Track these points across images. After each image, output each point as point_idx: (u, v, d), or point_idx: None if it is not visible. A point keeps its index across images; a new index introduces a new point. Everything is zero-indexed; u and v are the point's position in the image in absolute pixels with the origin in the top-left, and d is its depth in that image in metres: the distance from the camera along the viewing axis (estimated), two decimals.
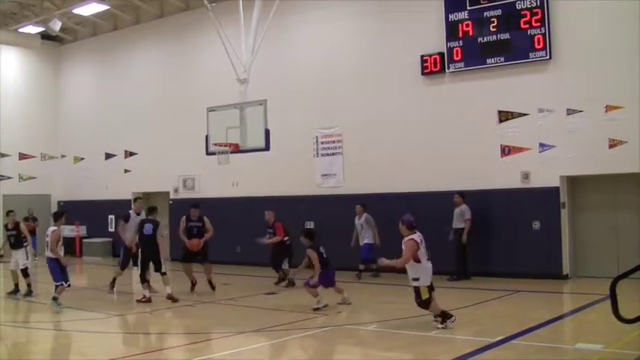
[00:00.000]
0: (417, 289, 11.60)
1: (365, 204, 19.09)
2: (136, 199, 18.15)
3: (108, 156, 28.49)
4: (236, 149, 16.91)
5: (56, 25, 26.38)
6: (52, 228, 14.94)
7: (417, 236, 11.71)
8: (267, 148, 16.81)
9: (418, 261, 11.58)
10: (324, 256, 14.12)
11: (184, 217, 17.23)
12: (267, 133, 16.49)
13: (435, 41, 19.29)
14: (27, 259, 17.24)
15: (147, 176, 26.59)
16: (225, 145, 16.93)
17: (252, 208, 18.52)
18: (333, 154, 21.30)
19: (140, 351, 11.14)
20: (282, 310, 13.96)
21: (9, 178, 29.41)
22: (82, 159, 29.83)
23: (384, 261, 12.08)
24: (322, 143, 21.54)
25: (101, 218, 27.82)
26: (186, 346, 11.15)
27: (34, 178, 30.07)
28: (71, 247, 28.39)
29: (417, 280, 11.58)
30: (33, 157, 30.22)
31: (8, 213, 18.39)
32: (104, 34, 29.18)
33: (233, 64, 17.29)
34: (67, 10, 26.61)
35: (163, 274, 15.73)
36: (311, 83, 21.92)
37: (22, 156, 29.85)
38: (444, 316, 11.52)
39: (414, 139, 19.63)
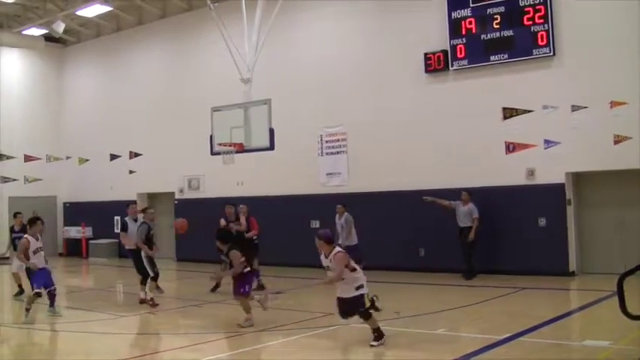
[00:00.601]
0: (360, 298, 10.57)
1: (346, 204, 18.94)
2: (128, 205, 17.30)
3: (113, 157, 28.49)
4: (240, 149, 16.88)
5: (59, 27, 26.39)
6: (24, 236, 14.36)
7: (340, 249, 10.93)
8: (271, 147, 16.78)
9: (354, 270, 10.69)
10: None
11: (222, 218, 17.00)
12: (271, 132, 16.46)
13: (438, 39, 19.27)
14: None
15: (152, 177, 26.61)
16: (230, 145, 16.91)
17: (257, 208, 18.48)
18: (338, 152, 21.31)
19: (148, 351, 11.18)
20: (289, 310, 13.96)
21: (14, 180, 29.41)
22: (87, 160, 29.84)
23: (322, 281, 11.14)
24: (327, 142, 21.54)
25: (107, 219, 27.81)
26: (192, 347, 11.14)
27: (40, 179, 30.08)
28: (77, 248, 28.50)
29: (361, 287, 10.57)
30: (38, 158, 30.24)
31: (16, 215, 18.40)
32: (107, 35, 29.20)
33: (236, 63, 17.27)
34: (70, 12, 26.64)
35: (152, 278, 15.44)
36: (315, 82, 21.90)
37: (27, 158, 29.88)
38: (380, 334, 10.52)
39: (418, 137, 19.62)
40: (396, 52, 20.27)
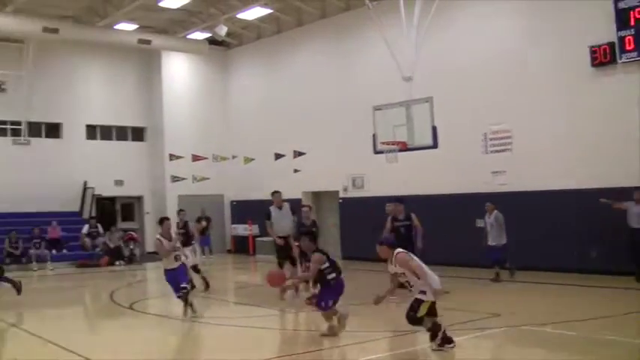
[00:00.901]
0: (418, 302, 10.26)
1: (495, 202, 18.44)
2: (273, 193, 17.32)
3: (277, 156, 29.10)
4: (404, 147, 16.94)
5: (222, 31, 27.25)
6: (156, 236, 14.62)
7: (401, 250, 10.46)
8: (434, 145, 16.76)
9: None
10: (334, 260, 12.04)
11: (390, 217, 16.49)
12: (434, 130, 16.43)
13: (604, 31, 18.39)
14: (195, 256, 17.98)
15: (316, 176, 26.94)
16: (393, 144, 16.99)
17: (421, 207, 18.32)
18: (503, 150, 20.85)
19: (310, 348, 11.36)
20: (453, 310, 13.80)
21: (183, 179, 30.74)
22: (253, 159, 30.65)
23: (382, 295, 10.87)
24: (491, 139, 21.13)
25: None
26: (352, 345, 11.17)
27: (207, 178, 31.24)
28: (244, 245, 29.36)
29: (423, 293, 10.19)
30: (205, 158, 31.40)
31: (179, 212, 19.24)
32: (268, 37, 29.93)
33: (397, 62, 17.31)
34: (231, 16, 27.39)
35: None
36: (476, 79, 21.51)
37: (195, 157, 31.09)
38: (446, 340, 10.24)
39: (586, 134, 18.83)
40: (558, 46, 19.57)
